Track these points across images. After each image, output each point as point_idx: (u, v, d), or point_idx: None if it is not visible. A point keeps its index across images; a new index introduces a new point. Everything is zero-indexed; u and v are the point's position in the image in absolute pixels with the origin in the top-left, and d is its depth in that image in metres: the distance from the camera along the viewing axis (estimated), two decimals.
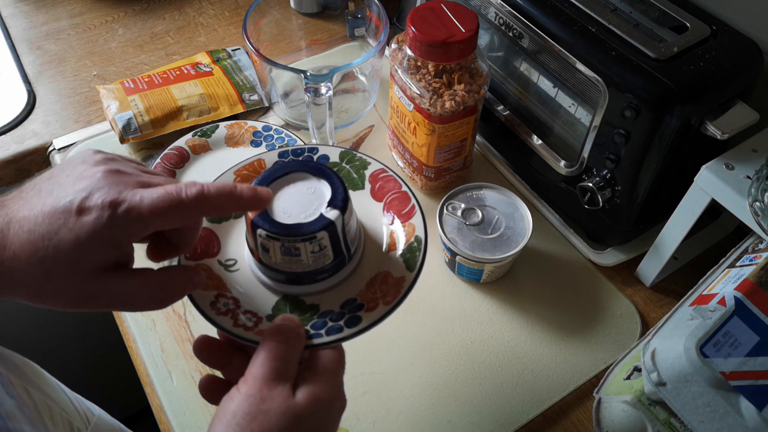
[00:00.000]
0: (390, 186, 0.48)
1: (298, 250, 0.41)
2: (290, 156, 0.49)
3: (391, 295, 0.42)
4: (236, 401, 0.35)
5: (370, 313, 0.42)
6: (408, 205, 0.47)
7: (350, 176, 0.49)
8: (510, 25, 0.63)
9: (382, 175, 0.49)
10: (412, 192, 0.47)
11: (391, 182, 0.48)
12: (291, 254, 0.42)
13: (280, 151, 0.49)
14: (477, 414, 0.55)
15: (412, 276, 0.43)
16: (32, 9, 0.93)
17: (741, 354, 0.43)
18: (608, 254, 0.65)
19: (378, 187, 0.49)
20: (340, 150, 0.50)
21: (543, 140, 0.66)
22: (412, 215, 0.46)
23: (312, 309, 0.44)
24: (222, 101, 0.78)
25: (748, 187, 0.50)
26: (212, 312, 0.42)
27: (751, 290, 0.45)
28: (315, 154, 0.49)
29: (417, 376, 0.57)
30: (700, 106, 0.52)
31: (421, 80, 0.60)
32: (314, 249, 0.41)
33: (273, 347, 0.37)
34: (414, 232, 0.45)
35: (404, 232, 0.46)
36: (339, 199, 0.42)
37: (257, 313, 0.43)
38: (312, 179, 0.44)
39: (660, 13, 0.58)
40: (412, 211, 0.46)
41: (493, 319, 0.61)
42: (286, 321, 0.39)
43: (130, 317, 0.61)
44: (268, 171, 0.44)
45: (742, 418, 0.42)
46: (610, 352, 0.59)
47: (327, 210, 0.41)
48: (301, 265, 0.42)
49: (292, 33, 0.87)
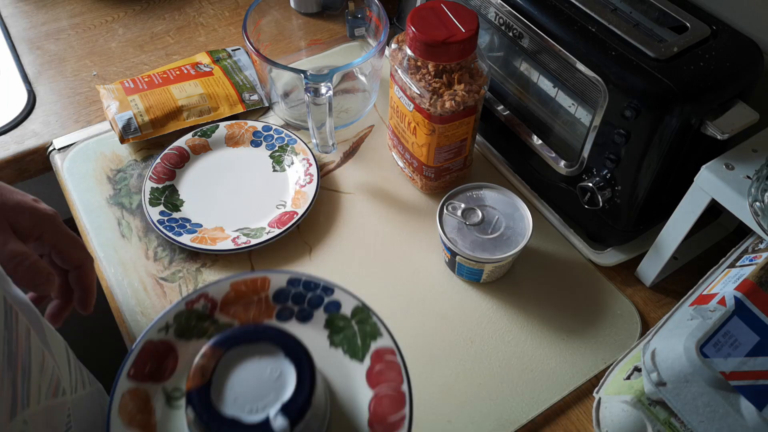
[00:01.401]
0: (390, 376, 0.40)
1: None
2: (300, 286, 0.42)
3: None
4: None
5: None
6: (399, 412, 0.38)
7: (354, 341, 0.42)
8: (510, 25, 0.63)
9: (388, 357, 0.41)
10: (410, 397, 0.39)
11: (394, 371, 0.40)
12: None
13: (290, 276, 0.43)
14: (477, 414, 0.55)
15: None
16: (32, 9, 0.93)
17: (741, 354, 0.43)
18: (608, 254, 0.65)
19: (377, 370, 0.41)
20: (356, 304, 0.42)
21: (543, 140, 0.66)
22: (397, 428, 0.38)
23: None
24: (222, 101, 0.78)
25: (748, 187, 0.50)
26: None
27: (751, 290, 0.45)
28: (328, 296, 0.42)
29: (417, 376, 0.57)
30: (700, 106, 0.52)
31: (421, 80, 0.60)
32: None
33: None
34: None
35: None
36: (297, 405, 0.34)
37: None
38: (282, 360, 0.36)
39: (660, 13, 0.58)
40: (400, 424, 0.38)
41: (493, 319, 0.61)
42: None
43: (130, 317, 0.61)
44: (241, 330, 0.37)
45: (742, 418, 0.42)
46: (610, 352, 0.59)
47: (276, 416, 0.34)
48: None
49: (292, 33, 0.87)
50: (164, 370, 0.40)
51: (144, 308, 0.62)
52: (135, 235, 0.67)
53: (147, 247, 0.66)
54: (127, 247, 0.66)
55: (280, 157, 0.73)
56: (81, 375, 0.50)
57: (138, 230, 0.67)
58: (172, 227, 0.65)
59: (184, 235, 0.64)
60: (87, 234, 0.67)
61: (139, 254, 0.65)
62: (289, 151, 0.73)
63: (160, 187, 0.69)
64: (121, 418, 0.37)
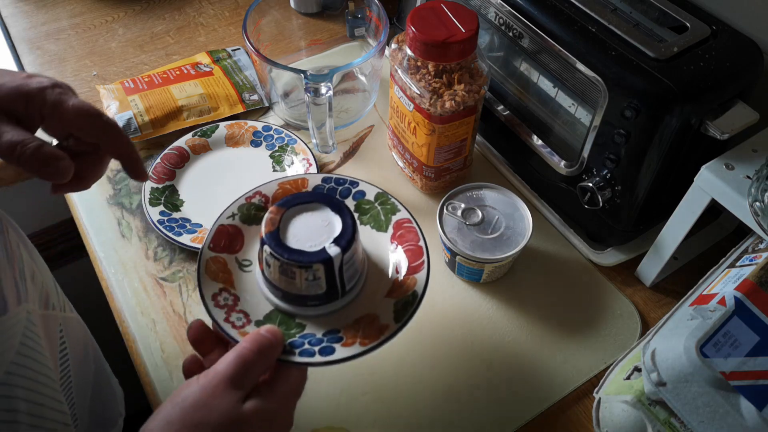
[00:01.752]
0: (410, 236, 0.50)
1: (294, 274, 0.44)
2: (332, 182, 0.53)
3: (370, 338, 0.44)
4: (192, 388, 0.38)
5: (345, 348, 0.43)
6: (419, 259, 0.48)
7: (378, 217, 0.52)
8: (510, 25, 0.63)
9: (406, 224, 0.51)
10: (426, 249, 0.49)
11: (412, 233, 0.50)
12: (287, 275, 0.44)
13: (324, 175, 0.53)
14: (477, 414, 0.55)
15: (394, 327, 0.45)
16: (32, 9, 0.93)
17: (741, 354, 0.43)
18: (608, 254, 0.65)
19: (399, 234, 0.51)
20: (377, 191, 0.53)
21: (543, 140, 0.66)
22: (419, 270, 0.48)
23: (298, 327, 0.46)
24: (222, 101, 0.78)
25: (748, 187, 0.50)
26: (211, 302, 0.46)
27: (751, 290, 0.45)
28: (355, 188, 0.53)
29: (417, 377, 0.57)
30: (700, 106, 0.52)
31: (421, 80, 0.60)
32: (308, 277, 0.44)
33: (244, 353, 0.40)
34: (413, 287, 0.47)
35: (406, 283, 0.48)
36: (345, 239, 0.45)
37: (249, 315, 0.46)
38: (329, 213, 0.47)
39: (660, 13, 0.58)
40: (420, 266, 0.48)
41: (493, 319, 0.61)
42: (267, 333, 0.41)
43: (130, 317, 0.61)
44: (296, 195, 0.48)
45: (742, 418, 0.42)
46: (610, 352, 0.59)
47: (330, 245, 0.44)
48: (294, 287, 0.45)
49: (292, 33, 0.87)
50: (235, 245, 0.50)
51: (144, 308, 0.62)
52: (135, 235, 0.67)
53: (147, 247, 0.66)
54: (127, 247, 0.66)
55: (280, 157, 0.73)
56: (66, 301, 0.54)
57: (138, 230, 0.67)
58: (172, 227, 0.65)
59: (184, 235, 0.64)
60: (87, 234, 0.67)
61: (139, 254, 0.65)
62: (289, 151, 0.73)
63: (160, 187, 0.69)
64: (207, 275, 0.47)
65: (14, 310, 0.42)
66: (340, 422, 0.54)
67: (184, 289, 0.63)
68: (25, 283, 0.45)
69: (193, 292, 0.63)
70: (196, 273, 0.48)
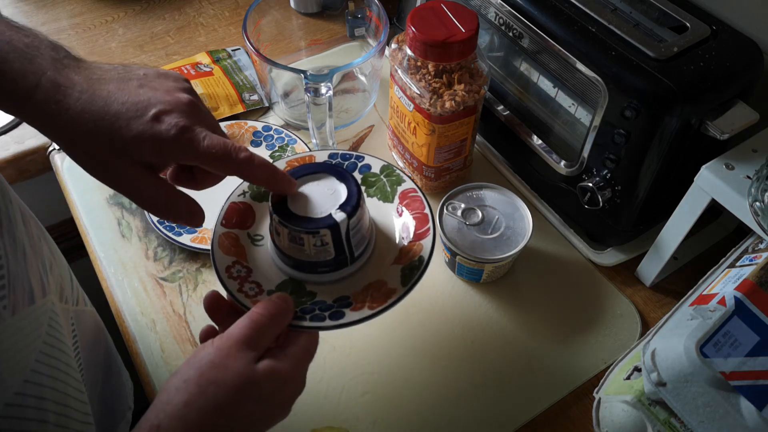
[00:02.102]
0: (415, 205, 0.52)
1: (302, 240, 0.45)
2: (338, 158, 0.54)
3: (378, 302, 0.45)
4: (207, 349, 0.40)
5: (354, 312, 0.45)
6: (425, 226, 0.50)
7: (384, 189, 0.54)
8: (510, 25, 0.63)
9: (411, 194, 0.52)
10: (432, 216, 0.50)
11: (417, 202, 0.52)
12: (296, 242, 0.46)
13: (331, 152, 0.55)
14: (477, 414, 0.55)
15: (402, 290, 0.46)
16: (32, 9, 0.93)
17: (741, 354, 0.43)
18: (608, 254, 0.65)
19: (405, 203, 0.52)
20: (383, 164, 0.54)
21: (543, 140, 0.66)
22: (424, 236, 0.49)
23: (309, 295, 0.48)
24: (222, 101, 0.78)
25: (748, 187, 0.50)
26: (225, 274, 0.47)
27: (751, 290, 0.45)
28: (360, 162, 0.55)
29: (417, 376, 0.57)
30: (700, 106, 0.52)
31: (421, 80, 0.60)
32: (317, 243, 0.45)
33: (256, 317, 0.41)
34: (420, 252, 0.48)
35: (413, 249, 0.49)
36: (350, 205, 0.46)
37: (262, 285, 0.48)
38: (335, 181, 0.48)
39: (660, 13, 0.58)
40: (426, 233, 0.49)
41: (493, 319, 0.61)
42: (279, 299, 0.43)
43: (130, 317, 0.61)
44: (303, 166, 0.50)
45: (742, 418, 0.42)
46: (610, 352, 0.59)
47: (336, 211, 0.45)
48: (303, 254, 0.46)
49: (292, 33, 0.87)
50: (246, 221, 0.52)
51: (144, 308, 0.62)
52: (135, 235, 0.67)
53: (147, 247, 0.66)
54: (127, 247, 0.66)
55: (280, 157, 0.73)
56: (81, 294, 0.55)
57: (138, 230, 0.67)
58: (172, 227, 0.65)
59: (184, 235, 0.64)
60: (87, 234, 0.67)
61: (139, 254, 0.65)
62: (289, 151, 0.73)
63: None
64: (220, 249, 0.49)
65: (40, 302, 0.42)
66: (340, 422, 0.54)
67: (184, 289, 0.63)
68: (48, 276, 0.45)
69: (193, 292, 0.63)
70: (210, 247, 0.49)
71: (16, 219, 0.42)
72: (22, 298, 0.40)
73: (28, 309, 0.40)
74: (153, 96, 0.41)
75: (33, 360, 0.41)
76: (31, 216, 0.48)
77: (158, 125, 0.40)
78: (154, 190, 0.42)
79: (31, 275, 0.42)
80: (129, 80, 0.42)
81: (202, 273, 0.64)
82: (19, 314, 0.39)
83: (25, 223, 0.44)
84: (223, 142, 0.41)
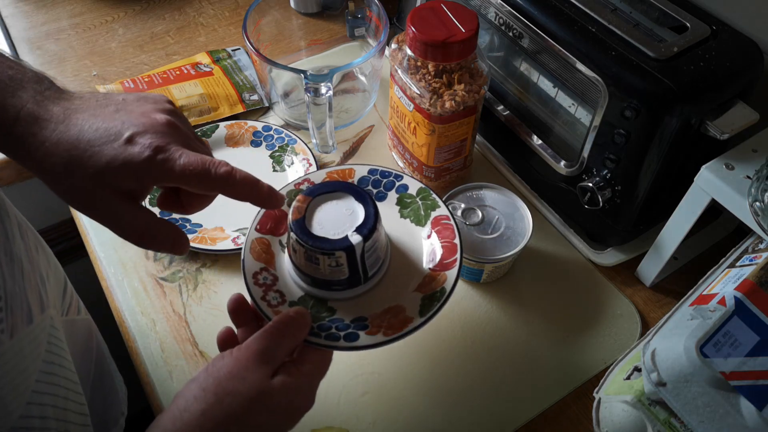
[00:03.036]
0: (446, 233, 0.52)
1: (318, 260, 0.46)
2: (378, 174, 0.55)
3: (393, 329, 0.45)
4: (225, 360, 0.41)
5: (368, 336, 0.45)
6: (452, 256, 0.50)
7: (418, 212, 0.54)
8: (510, 25, 0.63)
9: (444, 221, 0.52)
10: (461, 247, 0.50)
11: (449, 230, 0.52)
12: (311, 261, 0.46)
13: (370, 167, 0.55)
14: (477, 414, 0.55)
15: (418, 322, 0.46)
16: (32, 9, 0.93)
17: (741, 354, 0.43)
18: (608, 254, 0.65)
19: (437, 230, 0.52)
20: (420, 186, 0.55)
21: (543, 140, 0.66)
22: (450, 267, 0.49)
23: (329, 311, 0.48)
24: (222, 101, 0.78)
25: (748, 187, 0.50)
26: (251, 280, 0.48)
27: (751, 290, 0.45)
28: (399, 181, 0.55)
29: (417, 376, 0.57)
30: (700, 106, 0.52)
31: (421, 80, 0.60)
32: (331, 263, 0.46)
33: (274, 331, 0.42)
34: (443, 283, 0.48)
35: (437, 279, 0.49)
36: (366, 227, 0.46)
37: (285, 296, 0.49)
38: (353, 201, 0.48)
39: (660, 13, 0.58)
40: (453, 264, 0.49)
41: (493, 319, 0.61)
42: (297, 314, 0.44)
43: (130, 317, 0.61)
44: (323, 184, 0.50)
45: (742, 418, 0.42)
46: (610, 352, 0.59)
47: (353, 234, 0.46)
48: (318, 272, 0.47)
49: (292, 33, 0.87)
50: (280, 228, 0.53)
51: (144, 308, 0.62)
52: None
53: None
54: (127, 247, 0.66)
55: (280, 157, 0.73)
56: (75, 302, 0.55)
57: None
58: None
59: None
60: (87, 234, 0.67)
61: (139, 254, 0.65)
62: (289, 151, 0.73)
63: None
64: (251, 254, 0.50)
65: (39, 319, 0.42)
66: (340, 422, 0.54)
67: (184, 289, 0.63)
68: (46, 288, 0.45)
69: (193, 292, 0.63)
70: (242, 251, 0.50)
71: (14, 234, 0.42)
72: (20, 318, 0.40)
73: (27, 330, 0.40)
74: (127, 119, 0.40)
75: (34, 380, 0.41)
76: (28, 226, 0.48)
77: (131, 148, 0.38)
78: (132, 220, 0.40)
79: (28, 292, 0.42)
80: (106, 106, 0.41)
81: (202, 273, 0.64)
82: (18, 335, 0.39)
83: (23, 235, 0.44)
84: (201, 159, 0.40)
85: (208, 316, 0.61)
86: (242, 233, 0.65)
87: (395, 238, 0.53)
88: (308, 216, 0.47)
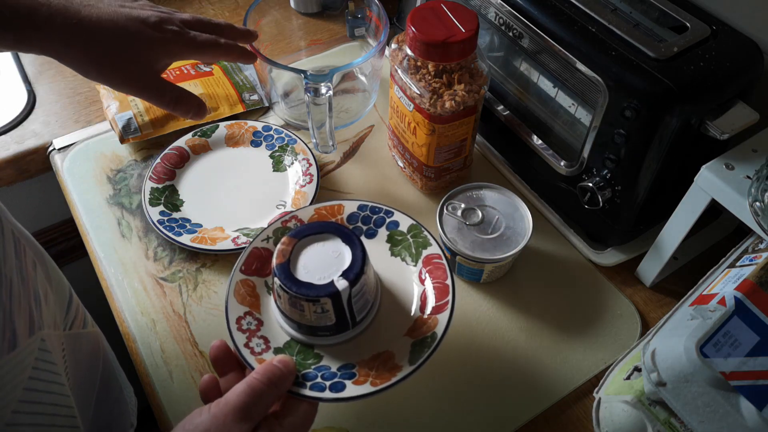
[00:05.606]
0: (438, 273, 0.50)
1: (303, 307, 0.45)
2: (367, 210, 0.54)
3: (381, 379, 0.44)
4: (203, 416, 0.39)
5: (355, 386, 0.44)
6: (444, 298, 0.48)
7: (409, 250, 0.53)
8: (510, 25, 0.63)
9: (436, 260, 0.51)
10: (453, 289, 0.49)
11: (440, 270, 0.50)
12: (296, 307, 0.45)
13: (360, 203, 0.54)
14: (477, 414, 0.55)
15: (407, 370, 0.45)
16: None
17: (741, 354, 0.43)
18: (608, 254, 0.65)
19: (428, 269, 0.51)
20: (411, 222, 0.53)
21: (543, 140, 0.66)
22: (442, 310, 0.48)
23: (315, 358, 0.47)
24: (222, 101, 0.78)
25: (748, 187, 0.50)
26: (235, 326, 0.47)
27: (751, 290, 0.45)
28: (389, 217, 0.54)
29: (417, 376, 0.57)
30: (700, 106, 0.52)
31: (421, 80, 0.60)
32: (317, 310, 0.45)
33: (255, 384, 0.41)
34: (434, 327, 0.47)
35: (427, 323, 0.48)
36: (353, 272, 0.45)
37: (269, 342, 0.47)
38: (340, 243, 0.47)
39: (660, 13, 0.58)
40: (444, 306, 0.48)
41: (493, 319, 0.61)
42: (280, 364, 0.42)
43: (130, 317, 0.61)
44: (308, 225, 0.49)
45: (742, 418, 0.42)
46: (610, 352, 0.59)
47: (339, 279, 0.44)
48: (304, 318, 0.46)
49: (292, 33, 0.87)
50: (266, 268, 0.51)
51: (144, 308, 0.62)
52: (135, 235, 0.67)
53: (147, 247, 0.66)
54: (127, 247, 0.66)
55: (280, 157, 0.73)
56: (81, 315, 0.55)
57: (138, 230, 0.67)
58: (172, 227, 0.65)
59: (184, 235, 0.64)
60: (87, 234, 0.67)
61: (139, 254, 0.65)
62: (289, 151, 0.73)
63: (160, 187, 0.69)
64: (235, 298, 0.49)
65: (25, 344, 0.41)
66: (340, 422, 0.54)
67: (184, 289, 0.63)
68: (40, 307, 0.44)
69: (193, 292, 0.63)
70: (226, 293, 0.49)
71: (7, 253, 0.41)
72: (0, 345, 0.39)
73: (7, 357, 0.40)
74: (141, 12, 0.53)
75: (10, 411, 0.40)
76: (27, 240, 0.47)
77: (161, 34, 0.52)
78: (172, 87, 0.54)
79: (16, 316, 0.41)
80: (110, 5, 0.52)
81: (201, 273, 0.64)
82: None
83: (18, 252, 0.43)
84: (212, 36, 0.56)
85: (208, 316, 0.61)
86: (242, 233, 0.65)
87: (386, 279, 0.52)
88: (293, 259, 0.46)
